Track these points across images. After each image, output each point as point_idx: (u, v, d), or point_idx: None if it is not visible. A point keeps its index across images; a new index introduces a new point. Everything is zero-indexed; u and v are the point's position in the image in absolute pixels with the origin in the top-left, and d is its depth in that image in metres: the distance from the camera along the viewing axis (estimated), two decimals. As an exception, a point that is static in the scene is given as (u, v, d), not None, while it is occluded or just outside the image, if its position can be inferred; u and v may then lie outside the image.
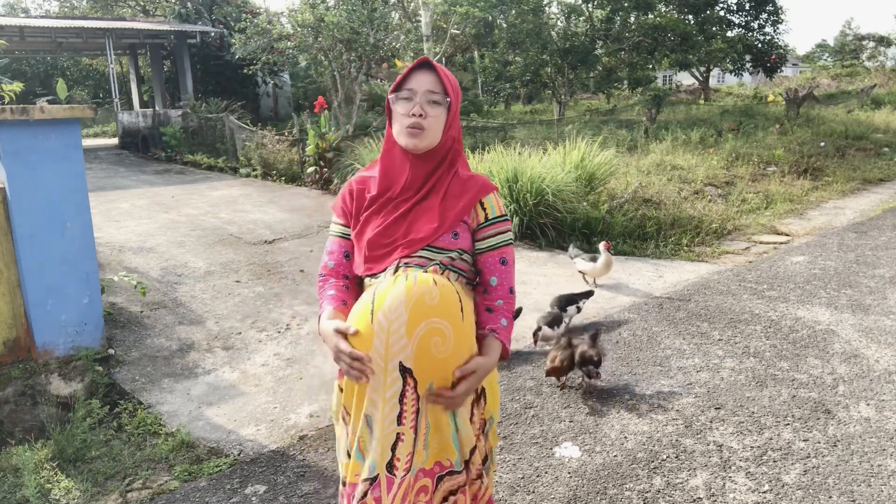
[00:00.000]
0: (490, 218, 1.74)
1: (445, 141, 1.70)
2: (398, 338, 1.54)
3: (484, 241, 1.74)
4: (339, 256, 1.79)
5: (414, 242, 1.66)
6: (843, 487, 2.55)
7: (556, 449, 2.89)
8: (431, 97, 1.65)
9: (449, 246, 1.68)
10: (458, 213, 1.70)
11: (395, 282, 1.58)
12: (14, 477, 2.79)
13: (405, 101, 1.66)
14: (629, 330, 4.25)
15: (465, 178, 1.75)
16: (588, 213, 6.62)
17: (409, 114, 1.64)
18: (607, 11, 17.38)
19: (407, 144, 1.66)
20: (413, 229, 1.68)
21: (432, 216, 1.68)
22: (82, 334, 3.73)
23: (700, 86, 23.99)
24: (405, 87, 1.67)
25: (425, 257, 1.66)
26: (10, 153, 3.42)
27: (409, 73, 1.69)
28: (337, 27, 11.17)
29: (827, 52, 56.87)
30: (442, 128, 1.68)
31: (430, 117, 1.65)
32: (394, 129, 1.70)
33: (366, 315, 1.58)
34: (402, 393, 1.57)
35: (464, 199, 1.72)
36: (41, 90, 24.16)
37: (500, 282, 1.75)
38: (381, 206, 1.72)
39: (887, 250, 6.00)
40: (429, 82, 1.66)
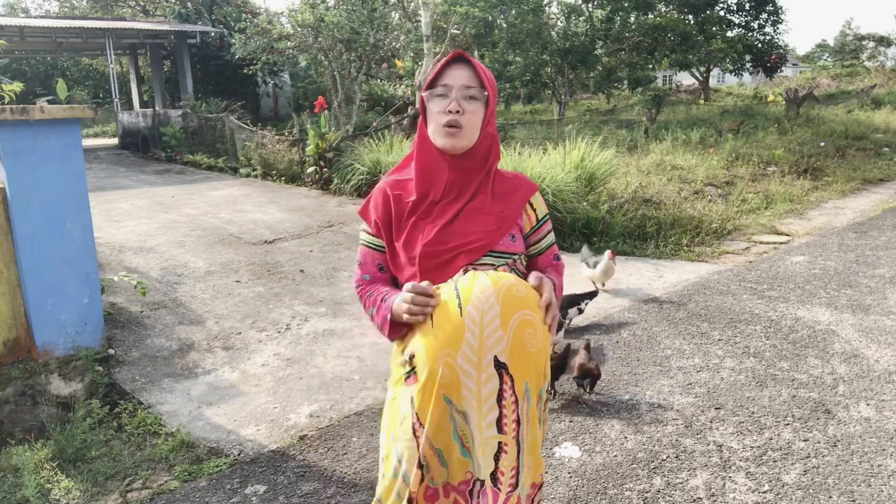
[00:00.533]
0: (540, 219, 1.70)
1: (484, 138, 1.61)
2: (493, 330, 1.41)
3: (538, 243, 1.70)
4: (372, 269, 1.67)
5: (477, 249, 1.56)
6: (843, 487, 2.55)
7: (556, 449, 2.89)
8: (468, 92, 1.55)
9: (509, 249, 1.60)
10: (513, 214, 1.63)
11: (476, 276, 1.46)
12: (14, 477, 2.79)
13: (440, 98, 1.56)
14: (629, 330, 4.25)
15: (510, 176, 1.69)
16: (588, 213, 6.62)
17: (446, 111, 1.54)
18: (607, 11, 17.38)
19: (445, 144, 1.57)
20: (471, 233, 1.57)
21: (487, 219, 1.59)
22: (82, 334, 3.73)
23: (700, 86, 23.99)
24: (440, 84, 1.57)
25: (488, 263, 1.57)
26: (10, 153, 3.42)
27: (444, 68, 1.59)
28: (337, 27, 11.18)
29: (827, 52, 56.88)
30: (480, 124, 1.59)
31: (467, 113, 1.55)
32: (429, 129, 1.60)
33: (452, 308, 1.43)
34: (500, 392, 1.43)
35: (514, 199, 1.65)
36: (41, 90, 24.16)
37: (554, 272, 1.71)
38: (426, 212, 1.59)
39: (887, 250, 6.00)
40: (465, 77, 1.56)
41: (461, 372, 1.41)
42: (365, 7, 11.73)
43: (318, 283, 5.28)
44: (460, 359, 1.41)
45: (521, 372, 1.44)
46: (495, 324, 1.41)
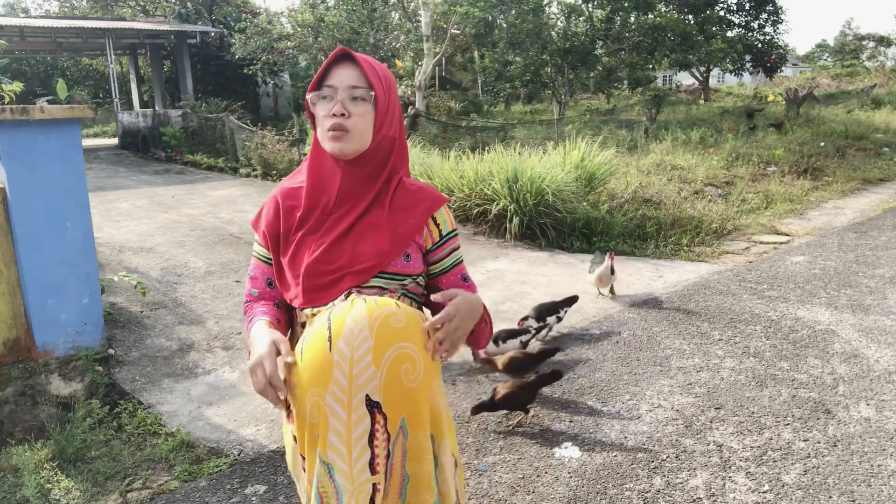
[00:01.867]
0: (444, 234, 1.54)
1: (379, 142, 1.47)
2: (364, 367, 1.29)
3: (440, 262, 1.55)
4: (262, 284, 1.55)
5: (364, 271, 1.42)
6: (843, 487, 2.55)
7: (556, 449, 2.89)
8: (354, 93, 1.42)
9: (402, 270, 1.46)
10: (411, 231, 1.48)
11: (352, 305, 1.34)
12: (14, 477, 2.79)
13: (325, 101, 1.44)
14: (629, 330, 4.25)
15: (414, 188, 1.53)
16: (588, 213, 6.62)
17: (330, 114, 1.42)
18: (607, 11, 17.39)
19: (332, 150, 1.44)
20: (360, 252, 1.44)
21: (380, 235, 1.45)
22: (82, 334, 3.73)
23: (700, 86, 24.01)
24: (325, 84, 1.45)
25: (377, 286, 1.43)
26: (10, 153, 3.42)
27: (328, 67, 1.45)
28: (337, 27, 11.18)
29: (827, 52, 56.88)
30: (371, 127, 1.44)
31: (354, 116, 1.42)
32: (318, 134, 1.48)
33: (321, 342, 1.31)
34: (371, 433, 1.32)
35: (414, 213, 1.50)
36: (41, 90, 24.16)
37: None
38: (315, 224, 1.47)
39: (887, 250, 6.00)
40: (350, 76, 1.43)
41: (330, 412, 1.31)
42: (365, 7, 11.73)
43: (318, 283, 5.28)
44: (329, 398, 1.30)
45: (395, 409, 1.33)
46: (367, 359, 1.30)
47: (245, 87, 18.40)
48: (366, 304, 1.34)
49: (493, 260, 5.93)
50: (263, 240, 1.53)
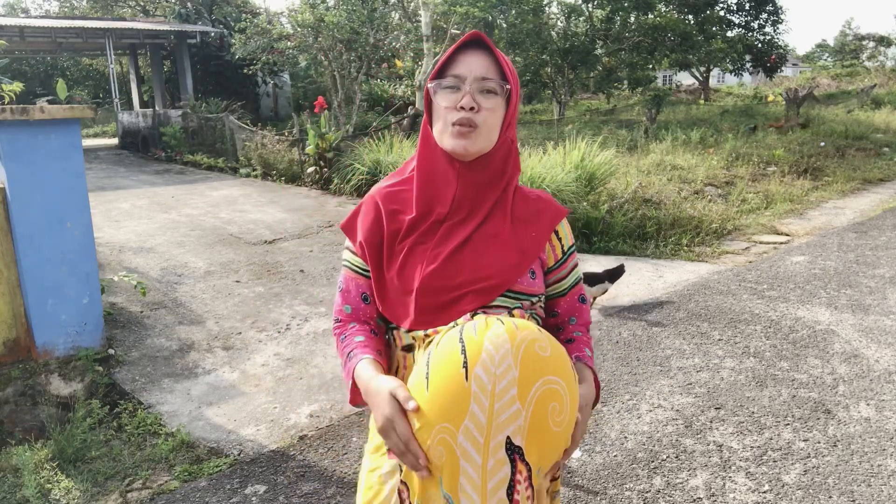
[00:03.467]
0: (567, 250, 1.38)
1: (503, 143, 1.30)
2: (507, 402, 1.06)
3: (561, 281, 1.38)
4: (356, 299, 1.35)
5: (489, 289, 1.24)
6: (843, 487, 2.55)
7: (556, 449, 2.89)
8: (485, 85, 1.24)
9: (529, 289, 1.28)
10: (537, 245, 1.32)
11: (487, 325, 1.11)
12: (14, 477, 2.79)
13: (450, 91, 1.25)
14: (629, 330, 4.25)
15: (533, 196, 1.37)
16: (588, 213, 6.62)
17: (457, 107, 1.24)
18: (607, 11, 17.39)
19: (455, 147, 1.25)
20: (483, 267, 1.25)
21: (505, 248, 1.28)
22: (82, 334, 3.73)
23: (700, 86, 24.00)
24: (450, 73, 1.26)
25: (502, 306, 1.25)
26: (10, 153, 3.42)
27: (455, 53, 1.27)
28: (337, 27, 11.18)
29: (827, 52, 56.88)
30: (499, 125, 1.28)
31: (484, 111, 1.24)
32: (434, 128, 1.28)
33: (454, 368, 1.08)
34: (512, 484, 1.08)
35: (539, 225, 1.33)
36: (41, 90, 24.16)
37: (580, 320, 1.42)
38: (427, 233, 1.28)
39: (887, 250, 6.00)
40: (482, 65, 1.25)
41: (462, 454, 1.08)
42: (365, 7, 11.73)
43: (317, 283, 5.28)
44: (461, 437, 1.07)
45: (539, 458, 1.11)
46: (511, 393, 1.06)
47: (245, 87, 18.40)
48: (504, 324, 1.10)
49: (493, 260, 5.93)
50: (360, 249, 1.33)
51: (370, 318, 1.36)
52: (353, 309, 1.36)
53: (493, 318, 1.13)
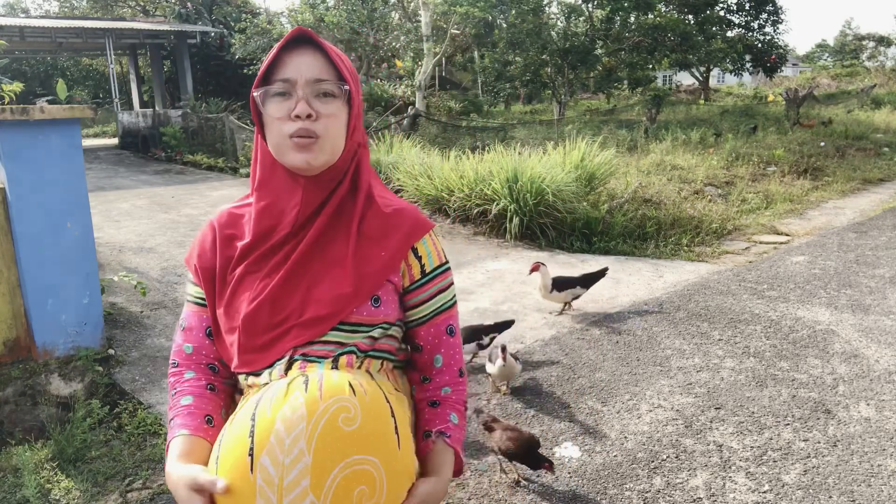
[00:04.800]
0: (429, 271, 1.18)
1: (350, 150, 1.15)
2: (299, 496, 0.90)
3: (421, 305, 1.18)
4: (199, 335, 1.19)
5: (315, 321, 1.09)
6: (843, 487, 2.55)
7: (556, 449, 2.89)
8: (321, 88, 1.09)
9: (369, 318, 1.11)
10: (383, 269, 1.13)
11: (286, 396, 0.95)
12: (14, 477, 2.79)
13: (280, 98, 1.09)
14: (629, 330, 4.25)
15: (389, 210, 1.17)
16: (588, 213, 6.62)
17: (291, 116, 1.07)
18: (607, 11, 17.40)
19: (296, 163, 1.09)
20: (313, 298, 1.10)
21: (342, 272, 1.11)
22: (82, 334, 3.73)
23: (700, 86, 24.01)
24: (278, 77, 1.09)
25: (334, 341, 1.10)
26: (10, 153, 3.42)
27: (280, 54, 1.10)
28: (337, 27, 11.18)
29: (827, 52, 56.88)
30: (344, 131, 1.12)
31: (323, 118, 1.08)
32: (269, 143, 1.11)
33: (240, 457, 0.93)
34: None
35: (389, 243, 1.15)
36: (41, 90, 24.17)
37: (448, 361, 1.21)
38: (259, 260, 1.13)
39: (887, 250, 6.00)
40: (313, 66, 1.09)
41: None
42: (365, 7, 11.74)
43: (318, 283, 5.28)
44: None
45: None
46: (303, 486, 0.90)
47: (245, 87, 18.36)
48: (306, 391, 0.95)
49: (494, 260, 5.93)
50: (196, 277, 1.19)
51: (215, 359, 1.19)
52: (194, 348, 1.19)
53: (298, 382, 0.98)
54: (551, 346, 3.99)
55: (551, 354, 3.87)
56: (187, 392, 1.16)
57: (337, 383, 0.98)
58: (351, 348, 1.11)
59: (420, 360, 1.22)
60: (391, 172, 8.30)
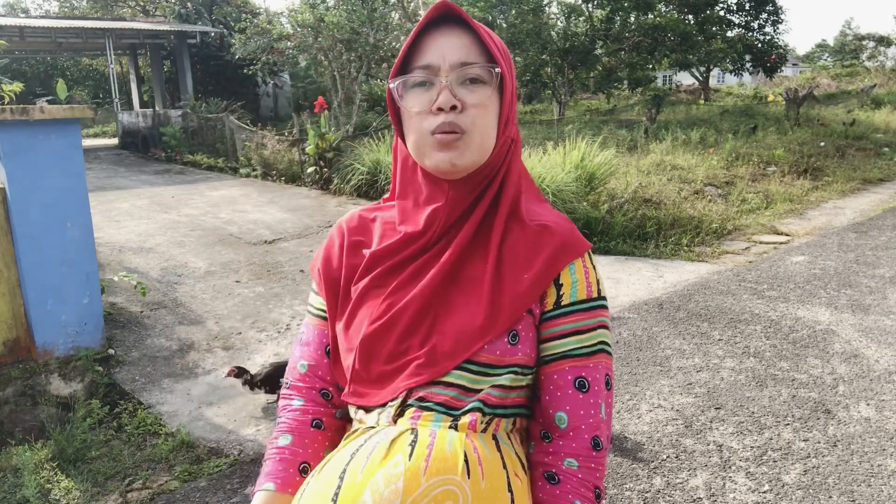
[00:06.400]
0: (565, 304, 0.95)
1: (503, 147, 0.96)
2: None
3: (549, 342, 0.95)
4: (316, 353, 1.04)
5: (436, 357, 0.91)
6: (843, 487, 2.55)
7: (556, 449, 2.89)
8: (468, 73, 0.91)
9: (502, 358, 0.91)
10: (524, 298, 0.93)
11: (385, 458, 0.81)
12: (14, 477, 2.79)
13: (421, 89, 0.93)
14: (629, 330, 4.25)
15: (535, 224, 0.97)
16: (588, 213, 6.62)
17: (433, 108, 0.91)
18: (607, 11, 17.41)
19: (438, 164, 0.92)
20: (438, 328, 0.92)
21: (476, 300, 0.92)
22: (82, 334, 3.73)
23: (700, 86, 24.00)
24: (417, 65, 0.92)
25: (457, 384, 0.90)
26: (10, 153, 3.42)
27: (420, 36, 0.93)
28: (337, 27, 11.17)
29: (827, 52, 56.89)
30: (495, 124, 0.94)
31: (471, 109, 0.91)
32: (409, 141, 0.96)
33: None
34: None
35: (532, 267, 0.94)
36: (41, 90, 24.16)
37: (576, 423, 0.93)
38: (386, 274, 0.98)
39: (887, 250, 6.00)
40: (458, 48, 0.91)
41: None
42: (365, 7, 11.72)
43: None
44: None
45: None
46: None
47: (245, 87, 18.40)
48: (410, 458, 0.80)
49: (493, 260, 5.93)
50: (319, 286, 1.04)
51: (330, 383, 1.03)
52: (309, 367, 1.04)
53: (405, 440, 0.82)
54: (551, 346, 3.99)
55: (551, 354, 3.88)
56: (287, 429, 1.01)
57: (450, 455, 0.80)
58: (476, 404, 0.89)
59: (540, 413, 0.96)
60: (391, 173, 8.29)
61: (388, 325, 0.93)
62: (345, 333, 0.98)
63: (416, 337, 0.92)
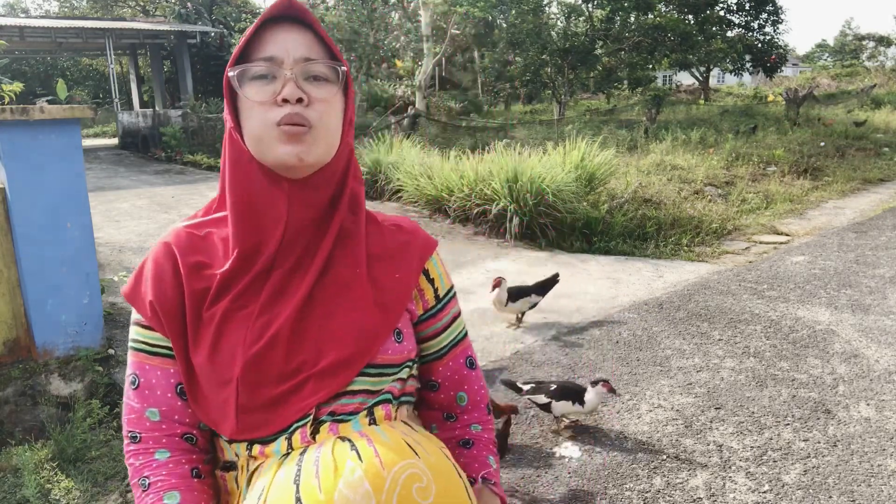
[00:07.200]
0: (442, 296, 1.01)
1: (344, 149, 0.94)
2: None
3: (438, 336, 1.01)
4: (167, 396, 0.91)
5: (338, 367, 0.87)
6: (843, 487, 2.55)
7: (556, 449, 2.89)
8: (312, 68, 0.89)
9: (395, 357, 0.92)
10: (403, 294, 0.95)
11: (337, 466, 0.78)
12: (14, 477, 2.79)
13: (263, 81, 0.88)
14: (629, 330, 4.25)
15: (388, 224, 1.00)
16: (588, 213, 6.62)
17: (278, 100, 0.86)
18: (607, 11, 17.43)
19: (285, 158, 0.86)
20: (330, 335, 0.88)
21: (362, 302, 0.91)
22: (82, 334, 3.73)
23: (700, 86, 24.01)
24: (258, 56, 0.88)
25: (362, 390, 0.89)
26: (10, 153, 3.42)
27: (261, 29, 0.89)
28: (337, 27, 11.18)
29: (827, 52, 56.91)
30: (340, 122, 0.92)
31: (317, 103, 0.88)
32: (247, 135, 0.89)
33: None
34: None
35: (402, 264, 0.96)
36: (41, 90, 24.17)
37: (474, 398, 1.04)
38: (249, 290, 0.89)
39: (887, 250, 6.00)
40: (302, 43, 0.89)
41: None
42: (365, 7, 11.73)
43: (318, 283, 5.27)
44: None
45: None
46: None
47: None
48: (361, 460, 0.78)
49: (494, 260, 5.93)
50: (152, 318, 0.90)
51: (192, 424, 0.92)
52: (162, 413, 0.91)
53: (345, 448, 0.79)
54: (551, 346, 3.99)
55: (551, 354, 3.88)
56: (170, 486, 0.88)
57: (394, 444, 0.81)
58: (385, 396, 0.91)
59: (437, 400, 1.03)
60: (391, 172, 8.30)
61: (271, 345, 0.86)
62: (210, 365, 0.87)
63: (307, 351, 0.87)
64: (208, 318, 0.88)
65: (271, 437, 0.86)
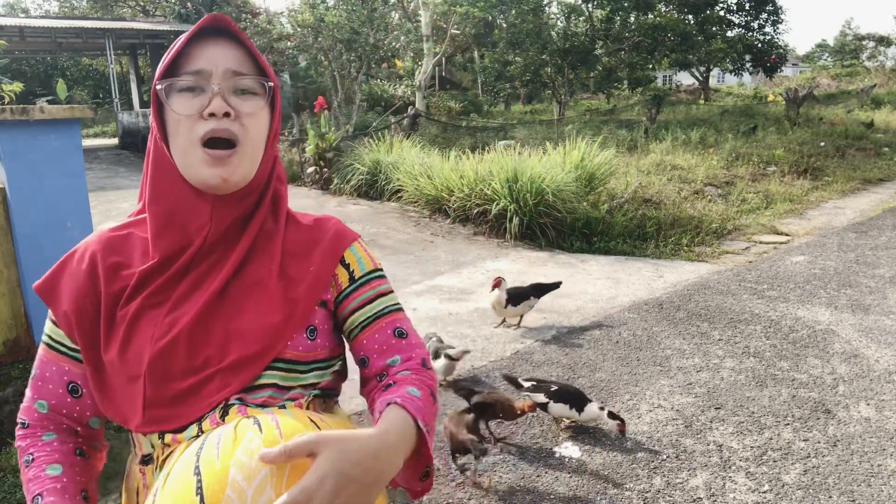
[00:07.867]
0: (358, 276, 1.01)
1: (268, 161, 0.97)
2: None
3: (360, 310, 1.00)
4: (58, 391, 0.97)
5: (244, 362, 0.89)
6: (843, 487, 2.55)
7: (556, 449, 2.89)
8: (240, 83, 0.91)
9: (306, 355, 0.94)
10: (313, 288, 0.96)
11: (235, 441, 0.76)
12: (14, 477, 2.79)
13: (190, 94, 0.90)
14: (629, 330, 4.25)
15: (308, 221, 1.06)
16: (588, 213, 6.63)
17: (204, 114, 0.89)
18: (607, 11, 17.43)
19: (208, 179, 0.89)
20: (236, 331, 0.90)
21: (267, 299, 0.92)
22: (82, 334, 3.73)
23: (700, 86, 24.02)
24: (187, 70, 0.90)
25: (271, 384, 0.91)
26: (10, 153, 3.42)
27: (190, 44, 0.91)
28: (337, 27, 11.18)
29: (827, 52, 56.92)
30: (265, 137, 0.95)
31: (245, 117, 0.90)
32: (173, 148, 0.91)
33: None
34: None
35: (315, 257, 0.99)
36: (41, 90, 24.18)
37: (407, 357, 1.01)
38: (162, 290, 0.92)
39: (887, 250, 6.00)
40: (231, 57, 0.91)
41: None
42: (365, 7, 11.73)
43: (318, 283, 5.27)
44: None
45: None
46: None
47: (245, 87, 18.41)
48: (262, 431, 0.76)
49: (493, 260, 5.93)
50: (64, 319, 0.94)
51: (78, 421, 0.97)
52: (50, 407, 0.97)
53: (248, 423, 0.78)
54: (551, 346, 3.99)
55: (551, 354, 3.88)
56: (53, 460, 0.94)
57: (296, 421, 0.79)
58: (297, 390, 0.93)
59: (371, 374, 1.01)
60: (391, 172, 8.30)
61: (175, 340, 0.88)
62: (120, 362, 0.89)
63: (211, 346, 0.89)
64: (121, 317, 0.92)
65: (184, 428, 0.88)
